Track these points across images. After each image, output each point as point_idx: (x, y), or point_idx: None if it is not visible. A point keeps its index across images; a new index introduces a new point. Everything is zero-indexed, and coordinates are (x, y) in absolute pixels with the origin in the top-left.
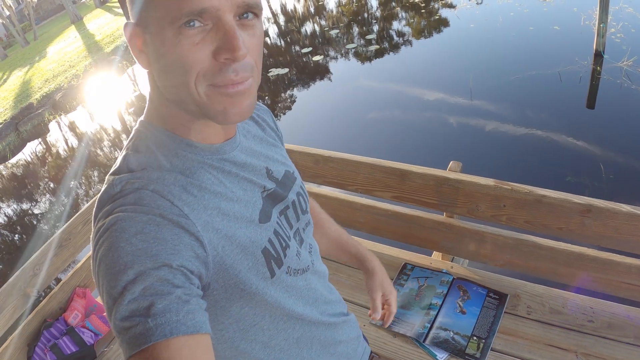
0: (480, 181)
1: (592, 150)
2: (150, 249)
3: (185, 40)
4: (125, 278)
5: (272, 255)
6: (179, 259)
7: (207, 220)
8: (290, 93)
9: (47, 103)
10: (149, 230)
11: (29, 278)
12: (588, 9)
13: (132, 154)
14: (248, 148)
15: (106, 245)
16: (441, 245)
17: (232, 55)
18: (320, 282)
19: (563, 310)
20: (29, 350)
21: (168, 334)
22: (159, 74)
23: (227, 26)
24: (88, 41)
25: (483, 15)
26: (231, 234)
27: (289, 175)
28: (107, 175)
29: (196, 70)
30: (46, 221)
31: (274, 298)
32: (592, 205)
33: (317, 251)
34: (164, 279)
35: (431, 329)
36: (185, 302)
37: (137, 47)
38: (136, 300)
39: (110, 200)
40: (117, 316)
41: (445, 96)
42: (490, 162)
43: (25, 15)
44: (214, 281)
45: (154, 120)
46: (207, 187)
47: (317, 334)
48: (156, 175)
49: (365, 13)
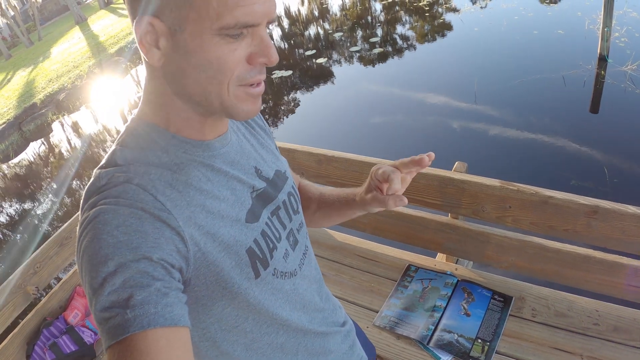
0: (486, 182)
1: (596, 154)
2: (131, 242)
3: (226, 46)
4: (106, 269)
5: (257, 255)
6: (159, 252)
7: (189, 216)
8: (293, 96)
9: (50, 103)
10: (131, 223)
11: (30, 276)
12: (592, 13)
13: (121, 149)
14: (238, 146)
15: (89, 237)
16: (445, 247)
17: (269, 61)
18: (311, 288)
19: (568, 313)
20: (28, 349)
21: (146, 326)
22: (181, 71)
23: (264, 36)
24: (92, 42)
25: (487, 19)
26: (214, 232)
27: (280, 175)
28: (95, 169)
29: (232, 73)
30: (47, 220)
31: (257, 300)
32: (599, 207)
33: (312, 255)
34: (143, 271)
35: (435, 331)
36: (164, 295)
37: (150, 43)
38: (116, 291)
39: (95, 193)
40: (97, 307)
41: (449, 100)
42: (495, 165)
43: (30, 16)
44: (195, 277)
45: (147, 117)
46: (194, 184)
47: (303, 341)
48: (142, 170)
49: (369, 16)
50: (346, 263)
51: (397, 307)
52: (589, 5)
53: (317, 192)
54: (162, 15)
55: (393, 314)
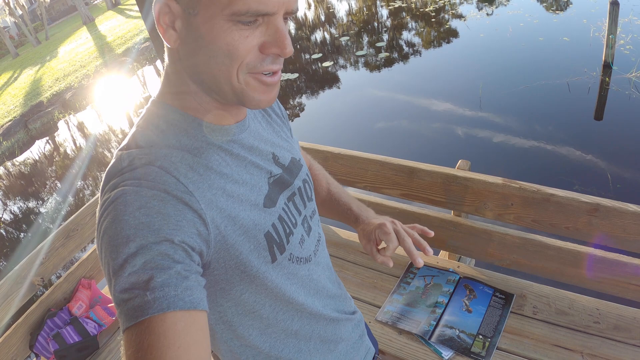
0: (489, 179)
1: (600, 161)
2: (153, 224)
3: (237, 33)
4: (127, 250)
5: (274, 240)
6: (180, 234)
7: (211, 199)
8: (299, 99)
9: (57, 102)
10: (153, 205)
11: (35, 267)
12: (597, 20)
13: (142, 131)
14: (256, 132)
15: (110, 218)
16: (448, 244)
17: (282, 52)
18: (324, 275)
19: (569, 311)
20: (31, 339)
21: (165, 308)
22: (193, 55)
23: (279, 26)
24: (99, 42)
25: (493, 26)
26: (234, 215)
27: (295, 162)
28: (116, 151)
29: (242, 59)
30: (50, 217)
31: (274, 283)
32: (600, 205)
33: (324, 242)
34: (164, 253)
35: (437, 327)
36: (184, 278)
37: (167, 24)
38: (136, 273)
39: (117, 174)
40: (116, 288)
41: (454, 105)
42: (498, 171)
43: (38, 15)
44: (215, 260)
45: (166, 100)
46: (214, 168)
47: (317, 328)
48: (164, 152)
49: (375, 22)
50: (350, 260)
51: (400, 302)
52: (594, 12)
53: (325, 189)
54: None
55: (395, 309)
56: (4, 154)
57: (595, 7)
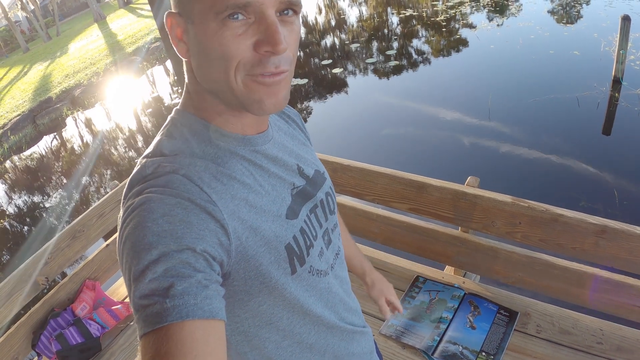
0: (498, 197)
1: (607, 176)
2: (176, 231)
3: (228, 32)
4: (149, 257)
5: (295, 252)
6: (202, 243)
7: (233, 209)
8: (307, 104)
9: (65, 98)
10: (176, 213)
11: (40, 266)
12: (608, 35)
13: (166, 139)
14: (280, 143)
15: (133, 224)
16: (454, 260)
17: (274, 48)
18: (342, 288)
19: (573, 330)
20: (34, 338)
21: (184, 316)
22: (198, 63)
23: (269, 21)
24: (110, 40)
25: (503, 37)
26: (256, 226)
27: (319, 175)
28: (140, 158)
29: (236, 60)
30: (54, 212)
31: (293, 295)
32: (607, 227)
33: (343, 255)
34: (186, 262)
35: (440, 342)
36: (204, 287)
37: (177, 36)
38: (157, 279)
39: (141, 181)
40: (136, 293)
41: (462, 115)
42: (505, 183)
43: (49, 11)
44: (235, 271)
45: (189, 109)
46: (237, 177)
47: (332, 342)
48: (188, 161)
49: (385, 29)
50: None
51: (404, 316)
52: (605, 27)
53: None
54: (180, 9)
55: (399, 323)
56: (12, 148)
57: (607, 21)
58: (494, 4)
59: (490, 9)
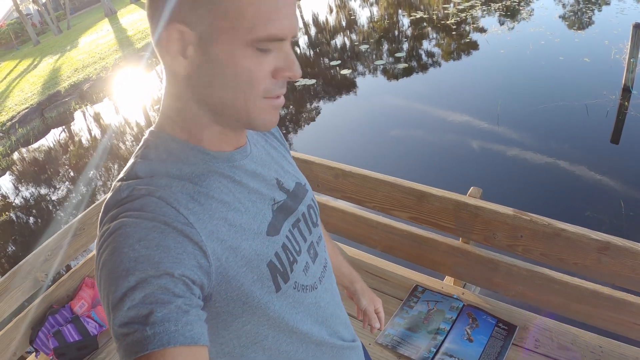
0: (499, 209)
1: (614, 186)
2: (153, 256)
3: (256, 59)
4: (126, 284)
5: (277, 269)
6: (181, 268)
7: (212, 230)
8: (315, 104)
9: (74, 92)
10: (153, 237)
11: (41, 263)
12: (619, 42)
13: (141, 161)
14: (258, 157)
15: (109, 250)
16: (454, 270)
17: (294, 75)
18: (332, 302)
19: (572, 346)
20: (32, 334)
21: (165, 344)
22: (208, 82)
23: (289, 51)
24: (120, 35)
25: (514, 42)
26: (236, 246)
27: (300, 187)
28: (114, 182)
29: (262, 86)
30: (61, 207)
31: (277, 314)
32: (610, 243)
33: (331, 267)
34: (164, 287)
35: (436, 354)
36: (184, 313)
37: (176, 51)
38: (136, 307)
39: (116, 205)
40: (115, 322)
41: (471, 119)
42: (511, 189)
43: (61, 5)
44: (216, 292)
45: (166, 129)
46: (215, 196)
47: (321, 358)
48: (164, 182)
49: (395, 31)
50: None
51: (401, 326)
52: (616, 34)
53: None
54: (191, 23)
55: (396, 333)
56: (19, 140)
57: (618, 28)
58: (505, 8)
59: (501, 13)
